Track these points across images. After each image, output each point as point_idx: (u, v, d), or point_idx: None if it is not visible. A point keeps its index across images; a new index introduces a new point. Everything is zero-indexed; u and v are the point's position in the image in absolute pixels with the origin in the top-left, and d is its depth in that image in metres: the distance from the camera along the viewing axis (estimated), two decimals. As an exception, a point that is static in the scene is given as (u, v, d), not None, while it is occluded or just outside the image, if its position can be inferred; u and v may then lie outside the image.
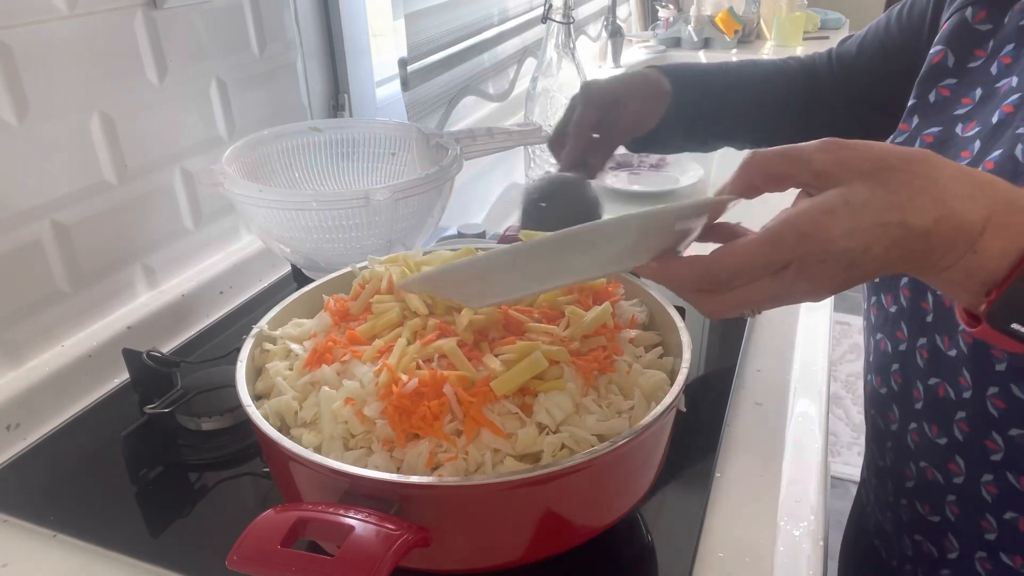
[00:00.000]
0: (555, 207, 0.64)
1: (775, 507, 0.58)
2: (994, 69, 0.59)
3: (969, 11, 0.61)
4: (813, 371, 0.75)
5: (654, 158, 1.43)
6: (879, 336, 0.66)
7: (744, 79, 0.80)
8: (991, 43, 0.60)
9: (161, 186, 0.84)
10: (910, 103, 0.65)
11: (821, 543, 0.55)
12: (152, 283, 0.85)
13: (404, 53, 1.24)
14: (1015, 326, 0.39)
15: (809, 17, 2.53)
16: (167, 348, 0.80)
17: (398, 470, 0.47)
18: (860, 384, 0.80)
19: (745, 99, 0.79)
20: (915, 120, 0.63)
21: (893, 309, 0.63)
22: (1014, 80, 0.57)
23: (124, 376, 0.74)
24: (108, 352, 0.75)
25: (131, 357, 0.71)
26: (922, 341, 0.60)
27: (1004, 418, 0.53)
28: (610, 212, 1.12)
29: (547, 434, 0.48)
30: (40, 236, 0.72)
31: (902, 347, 0.62)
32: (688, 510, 0.58)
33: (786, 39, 2.43)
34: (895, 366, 0.63)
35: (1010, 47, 0.59)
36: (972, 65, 0.61)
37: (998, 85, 0.58)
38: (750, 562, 0.53)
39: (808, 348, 0.79)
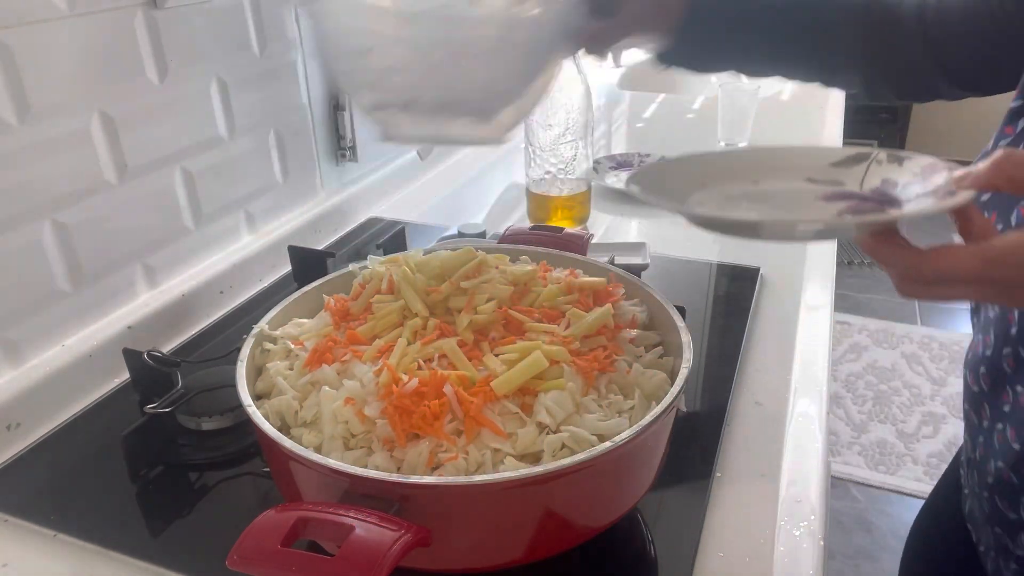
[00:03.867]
0: None
1: (775, 507, 0.58)
2: None
3: None
4: (813, 371, 0.75)
5: (655, 159, 1.43)
6: (979, 336, 0.65)
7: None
8: None
9: (161, 186, 0.84)
10: (1014, 104, 0.59)
11: (821, 543, 0.55)
12: (152, 283, 0.85)
13: (404, 53, 1.24)
14: None
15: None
16: (167, 348, 0.80)
17: (398, 470, 0.47)
18: (860, 384, 0.79)
19: (791, 21, 0.69)
20: (1021, 124, 0.59)
21: (991, 314, 0.62)
22: None
23: (124, 376, 0.74)
24: (108, 352, 0.75)
25: (131, 357, 0.71)
26: (1007, 350, 0.59)
27: None
28: (608, 211, 1.10)
29: (547, 434, 0.48)
30: (40, 236, 0.72)
31: (989, 352, 0.62)
32: (688, 510, 0.58)
33: (786, 39, 2.42)
34: (982, 368, 0.63)
35: None
36: None
37: None
38: (750, 562, 0.53)
39: (808, 348, 0.79)
